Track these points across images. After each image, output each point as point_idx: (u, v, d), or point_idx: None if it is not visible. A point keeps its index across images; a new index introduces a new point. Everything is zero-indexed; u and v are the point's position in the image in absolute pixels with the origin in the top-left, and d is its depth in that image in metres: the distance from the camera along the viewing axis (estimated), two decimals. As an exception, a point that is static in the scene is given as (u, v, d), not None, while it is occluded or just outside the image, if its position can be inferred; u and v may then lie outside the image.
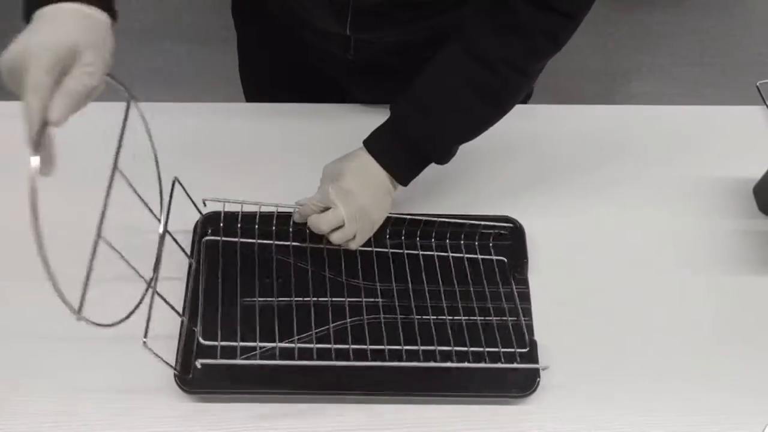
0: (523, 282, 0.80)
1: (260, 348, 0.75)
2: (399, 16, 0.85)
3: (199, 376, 0.73)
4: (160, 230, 0.70)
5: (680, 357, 0.78)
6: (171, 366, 0.72)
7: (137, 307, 0.66)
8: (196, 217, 0.84)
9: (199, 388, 0.73)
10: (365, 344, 0.75)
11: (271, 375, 0.74)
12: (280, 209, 0.82)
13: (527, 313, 0.79)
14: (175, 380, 0.73)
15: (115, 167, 0.64)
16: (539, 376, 0.74)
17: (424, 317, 0.78)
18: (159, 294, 0.70)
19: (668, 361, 0.77)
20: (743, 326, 0.80)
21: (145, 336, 0.66)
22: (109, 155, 0.64)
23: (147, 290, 0.68)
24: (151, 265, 0.68)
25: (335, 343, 0.75)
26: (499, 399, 0.74)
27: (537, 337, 0.77)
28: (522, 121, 0.86)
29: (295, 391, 0.74)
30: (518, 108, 0.79)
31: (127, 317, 0.65)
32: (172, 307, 0.74)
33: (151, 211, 0.72)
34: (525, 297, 0.80)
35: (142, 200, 0.70)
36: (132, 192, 0.66)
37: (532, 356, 0.75)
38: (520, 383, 0.74)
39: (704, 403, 0.75)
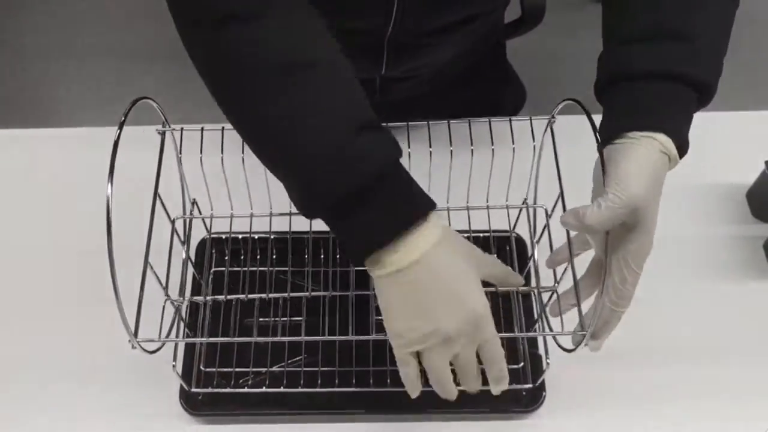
0: (527, 295, 0.80)
1: (252, 374, 0.76)
2: (439, 41, 0.78)
3: (204, 399, 0.74)
4: (183, 255, 0.73)
5: (678, 364, 0.78)
6: (185, 387, 0.72)
7: (169, 333, 0.67)
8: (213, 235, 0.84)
9: (204, 410, 0.74)
10: (368, 366, 0.75)
11: (275, 396, 0.74)
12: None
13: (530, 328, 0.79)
14: (180, 402, 0.73)
15: (156, 194, 0.64)
16: (545, 391, 0.74)
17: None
18: (183, 320, 0.71)
19: (667, 368, 0.78)
20: (739, 331, 0.81)
21: (174, 359, 0.68)
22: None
23: (175, 316, 0.69)
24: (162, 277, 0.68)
25: (340, 365, 0.75)
26: (504, 414, 0.75)
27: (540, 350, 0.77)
28: (516, 133, 0.85)
29: (296, 411, 0.74)
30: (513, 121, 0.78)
31: (163, 344, 0.65)
32: (192, 335, 0.76)
33: (178, 236, 0.72)
34: (528, 311, 0.79)
35: (175, 230, 0.71)
36: (149, 207, 0.64)
37: (536, 372, 0.75)
38: (525, 399, 0.74)
39: (705, 411, 0.76)
